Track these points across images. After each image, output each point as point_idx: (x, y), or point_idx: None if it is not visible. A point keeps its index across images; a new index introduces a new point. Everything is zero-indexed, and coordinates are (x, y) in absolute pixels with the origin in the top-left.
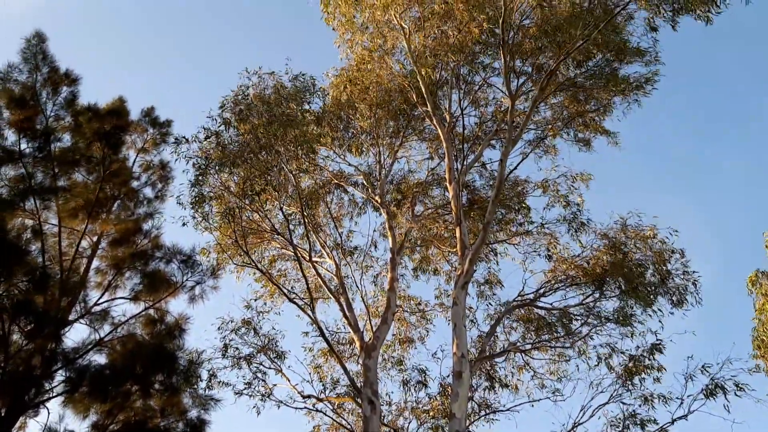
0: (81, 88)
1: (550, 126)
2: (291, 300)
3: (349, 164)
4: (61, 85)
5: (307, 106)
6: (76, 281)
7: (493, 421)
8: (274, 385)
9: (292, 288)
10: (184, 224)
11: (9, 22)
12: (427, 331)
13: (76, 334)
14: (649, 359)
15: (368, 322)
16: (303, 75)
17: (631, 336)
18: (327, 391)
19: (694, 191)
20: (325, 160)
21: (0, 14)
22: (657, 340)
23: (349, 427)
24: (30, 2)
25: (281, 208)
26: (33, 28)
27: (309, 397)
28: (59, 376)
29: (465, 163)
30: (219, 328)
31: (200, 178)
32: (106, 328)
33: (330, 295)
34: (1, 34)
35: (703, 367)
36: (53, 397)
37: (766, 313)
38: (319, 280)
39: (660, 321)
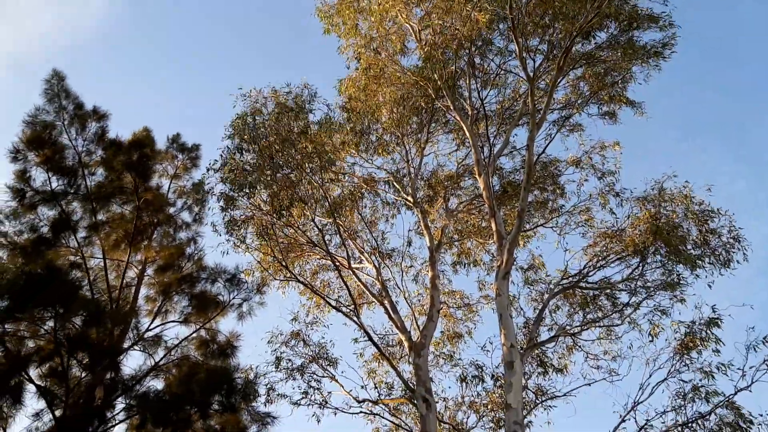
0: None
1: (573, 103)
2: (336, 309)
3: (378, 167)
4: (89, 121)
5: (313, 117)
6: (127, 310)
7: (550, 408)
8: (329, 392)
9: (337, 297)
10: (223, 253)
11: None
12: (475, 324)
13: (131, 362)
14: (707, 332)
15: (414, 321)
16: (309, 87)
17: (682, 302)
18: (382, 395)
19: (732, 147)
20: (351, 166)
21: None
22: (714, 312)
23: (407, 427)
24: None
25: (313, 220)
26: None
27: (364, 401)
28: (120, 404)
29: (492, 151)
30: (269, 342)
31: (229, 203)
32: (160, 352)
33: (374, 300)
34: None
35: (765, 338)
36: (116, 424)
37: None
38: (362, 286)
39: (709, 285)
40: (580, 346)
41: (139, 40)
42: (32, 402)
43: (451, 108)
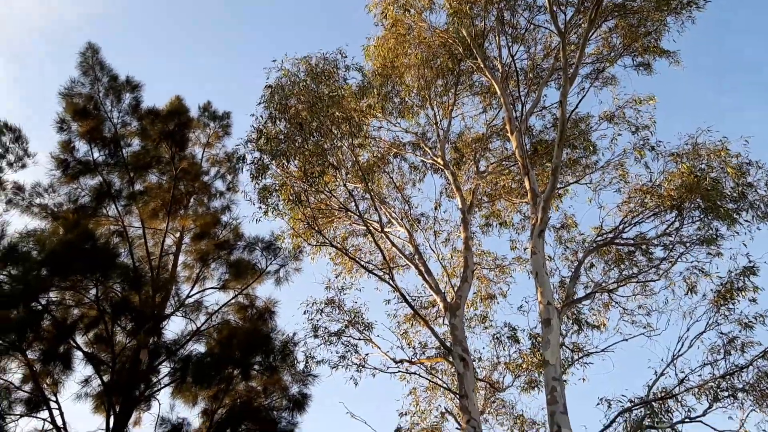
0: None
1: (606, 57)
2: (369, 271)
3: (405, 131)
4: (124, 93)
5: (342, 83)
6: (167, 277)
7: (587, 365)
8: (366, 354)
9: (368, 261)
10: (257, 221)
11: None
12: (508, 285)
13: (174, 327)
14: (743, 282)
15: (448, 283)
16: (343, 52)
17: (719, 256)
18: (417, 354)
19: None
20: (378, 130)
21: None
22: (750, 262)
23: (444, 385)
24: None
25: (344, 184)
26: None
27: (401, 362)
28: (164, 368)
29: (524, 110)
30: (305, 312)
31: (260, 172)
32: (201, 318)
33: (406, 263)
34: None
35: None
36: (162, 388)
37: None
38: (394, 249)
39: (744, 244)
40: (616, 302)
41: (167, 11)
42: (80, 368)
43: (481, 65)
